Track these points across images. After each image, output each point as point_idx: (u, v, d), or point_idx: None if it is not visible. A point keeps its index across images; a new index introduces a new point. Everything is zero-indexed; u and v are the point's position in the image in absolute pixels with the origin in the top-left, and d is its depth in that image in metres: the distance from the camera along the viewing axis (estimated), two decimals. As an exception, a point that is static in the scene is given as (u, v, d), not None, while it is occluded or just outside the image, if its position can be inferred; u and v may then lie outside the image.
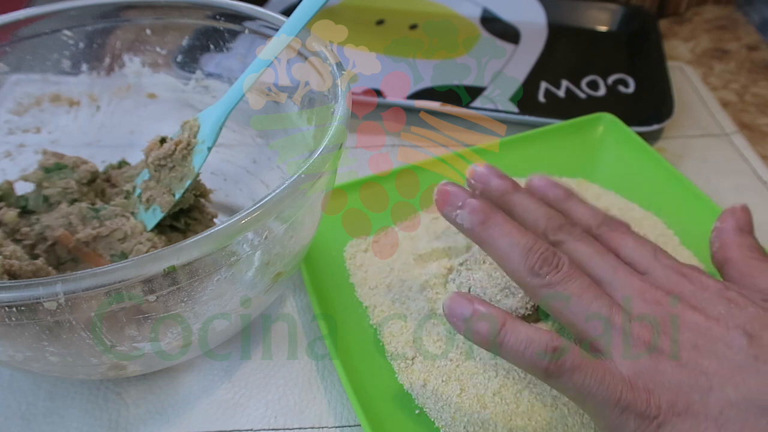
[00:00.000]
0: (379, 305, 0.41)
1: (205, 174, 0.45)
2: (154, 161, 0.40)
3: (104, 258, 0.39)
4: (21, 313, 0.27)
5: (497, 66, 0.67)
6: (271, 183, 0.47)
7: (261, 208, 0.29)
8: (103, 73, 0.48)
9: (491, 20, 0.76)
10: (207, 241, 0.28)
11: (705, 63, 0.71)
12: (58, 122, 0.48)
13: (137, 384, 0.39)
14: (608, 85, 0.65)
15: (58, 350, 0.31)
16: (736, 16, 0.79)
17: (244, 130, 0.47)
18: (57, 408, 0.38)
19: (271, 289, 0.37)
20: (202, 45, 0.47)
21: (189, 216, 0.42)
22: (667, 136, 0.59)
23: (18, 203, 0.41)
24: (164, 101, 0.49)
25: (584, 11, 0.76)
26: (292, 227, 0.33)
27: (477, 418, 0.35)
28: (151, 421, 0.37)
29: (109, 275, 0.26)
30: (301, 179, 0.30)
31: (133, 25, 0.47)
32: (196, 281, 0.30)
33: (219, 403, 0.38)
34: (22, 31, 0.43)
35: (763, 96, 0.65)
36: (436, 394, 0.36)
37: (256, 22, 0.43)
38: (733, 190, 0.53)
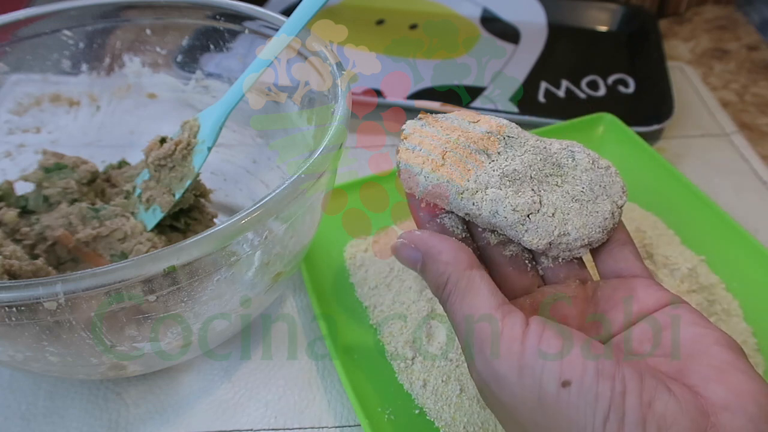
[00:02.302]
0: (379, 305, 0.41)
1: (205, 174, 0.45)
2: (154, 161, 0.40)
3: (104, 258, 0.39)
4: (21, 313, 0.27)
5: (497, 66, 0.67)
6: (271, 183, 0.47)
7: (261, 208, 0.29)
8: (103, 73, 0.48)
9: (491, 20, 0.76)
10: (207, 241, 0.28)
11: (705, 63, 0.71)
12: (58, 122, 0.48)
13: (137, 384, 0.39)
14: (608, 85, 0.65)
15: (58, 350, 0.31)
16: (736, 16, 0.79)
17: (244, 130, 0.47)
18: (57, 408, 0.38)
19: (271, 289, 0.37)
20: (202, 45, 0.47)
21: (189, 216, 0.42)
22: (667, 136, 0.59)
23: (18, 203, 0.41)
24: (164, 101, 0.49)
25: (584, 11, 0.76)
26: (292, 227, 0.33)
27: (477, 418, 0.35)
28: (151, 421, 0.37)
29: (109, 275, 0.26)
30: (301, 179, 0.30)
31: (133, 25, 0.47)
32: (196, 281, 0.30)
33: (219, 403, 0.38)
34: (22, 31, 0.43)
35: (763, 96, 0.65)
36: (436, 394, 0.36)
37: (256, 22, 0.43)
38: (733, 190, 0.53)
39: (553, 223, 0.29)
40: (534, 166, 0.30)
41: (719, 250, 0.44)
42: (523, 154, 0.30)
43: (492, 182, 0.29)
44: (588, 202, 0.30)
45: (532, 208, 0.29)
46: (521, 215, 0.29)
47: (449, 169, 0.29)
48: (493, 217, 0.29)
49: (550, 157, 0.30)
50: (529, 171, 0.30)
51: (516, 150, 0.30)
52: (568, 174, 0.30)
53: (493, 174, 0.29)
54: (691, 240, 0.45)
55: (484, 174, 0.29)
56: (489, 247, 0.31)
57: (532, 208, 0.29)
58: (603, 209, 0.30)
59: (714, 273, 0.43)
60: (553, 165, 0.30)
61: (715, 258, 0.44)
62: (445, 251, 0.28)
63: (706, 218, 0.45)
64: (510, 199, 0.29)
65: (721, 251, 0.44)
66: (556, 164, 0.30)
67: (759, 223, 0.49)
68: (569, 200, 0.30)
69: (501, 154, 0.30)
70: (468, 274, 0.27)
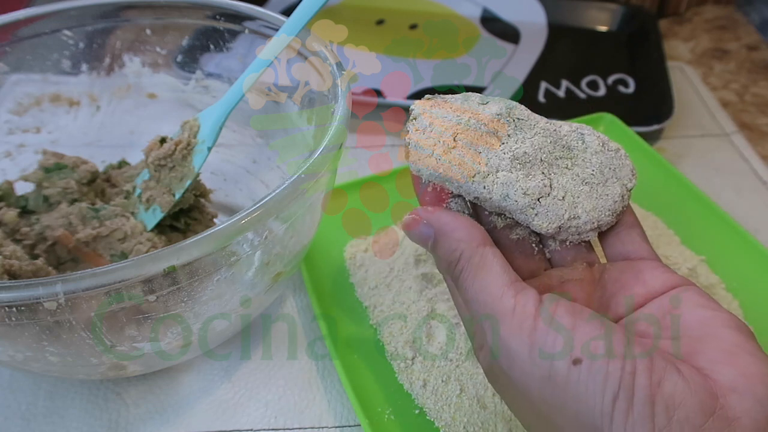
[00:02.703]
0: (379, 305, 0.41)
1: (205, 174, 0.45)
2: (154, 161, 0.40)
3: (104, 258, 0.39)
4: (21, 313, 0.27)
5: (497, 66, 0.67)
6: (271, 183, 0.47)
7: (261, 208, 0.29)
8: (103, 73, 0.48)
9: (491, 20, 0.76)
10: (207, 241, 0.28)
11: (705, 63, 0.71)
12: (58, 122, 0.48)
13: (137, 384, 0.39)
14: (608, 85, 0.65)
15: (58, 350, 0.31)
16: (736, 16, 0.79)
17: (244, 130, 0.47)
18: (57, 408, 0.38)
19: (271, 289, 0.37)
20: (202, 45, 0.47)
21: (189, 216, 0.42)
22: (667, 136, 0.59)
23: (18, 203, 0.41)
24: (164, 101, 0.49)
25: (584, 11, 0.76)
26: (292, 227, 0.33)
27: (477, 418, 0.35)
28: (151, 421, 0.37)
29: (109, 275, 0.26)
30: (301, 179, 0.30)
31: (133, 25, 0.47)
32: (196, 281, 0.30)
33: (219, 403, 0.38)
34: (22, 31, 0.43)
35: (763, 96, 0.65)
36: (436, 394, 0.36)
37: (256, 22, 0.43)
38: (733, 190, 0.53)
39: (564, 206, 0.29)
40: (544, 148, 0.29)
41: (719, 250, 0.44)
42: (533, 137, 0.30)
43: (503, 165, 0.29)
44: (598, 185, 0.30)
45: (542, 191, 0.29)
46: (532, 199, 0.29)
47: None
48: (504, 200, 0.29)
49: (560, 139, 0.30)
50: (539, 154, 0.29)
51: (526, 132, 0.30)
52: (578, 156, 0.30)
53: (504, 157, 0.29)
54: (691, 240, 0.45)
55: (494, 157, 0.29)
56: (496, 231, 0.31)
57: (543, 191, 0.29)
58: (613, 192, 0.30)
59: (714, 273, 0.43)
60: (563, 147, 0.30)
61: (715, 258, 0.44)
62: (458, 228, 0.28)
63: (706, 218, 0.45)
64: (521, 183, 0.29)
65: (721, 251, 0.44)
66: (566, 147, 0.30)
67: (759, 223, 0.49)
68: (579, 183, 0.30)
69: (511, 136, 0.29)
70: (481, 251, 0.28)
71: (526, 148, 0.29)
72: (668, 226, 0.47)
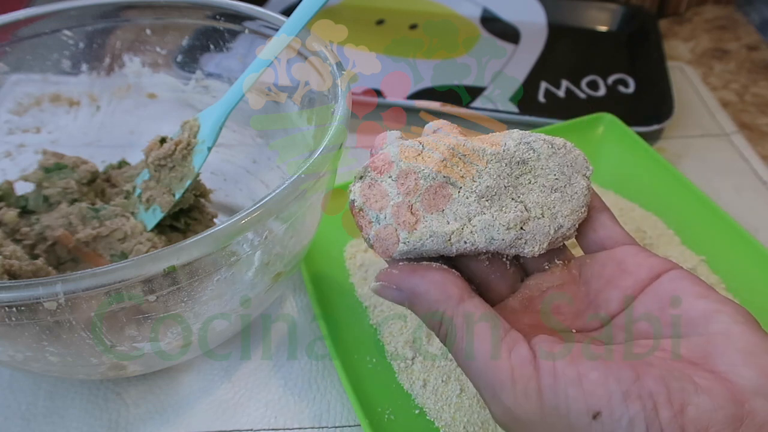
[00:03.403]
0: (379, 305, 0.41)
1: (205, 174, 0.45)
2: (154, 161, 0.40)
3: (104, 258, 0.39)
4: (21, 313, 0.27)
5: (497, 66, 0.67)
6: (271, 183, 0.47)
7: (261, 208, 0.29)
8: (103, 73, 0.48)
9: (491, 20, 0.76)
10: (207, 241, 0.28)
11: (705, 63, 0.71)
12: (58, 122, 0.48)
13: (137, 384, 0.39)
14: (608, 85, 0.65)
15: (58, 350, 0.31)
16: (736, 16, 0.79)
17: (244, 130, 0.47)
18: (57, 408, 0.38)
19: (271, 289, 0.37)
20: (202, 45, 0.47)
21: (189, 216, 0.42)
22: (667, 136, 0.59)
23: (18, 203, 0.41)
24: (164, 101, 0.49)
25: (584, 11, 0.76)
26: (292, 227, 0.33)
27: (477, 418, 0.35)
28: (151, 421, 0.37)
29: (109, 275, 0.26)
30: (301, 179, 0.30)
31: (133, 25, 0.47)
32: (196, 281, 0.30)
33: (219, 403, 0.38)
34: (22, 31, 0.43)
35: (763, 96, 0.65)
36: (436, 394, 0.36)
37: (256, 22, 0.43)
38: (733, 190, 0.53)
39: (546, 222, 0.29)
40: (502, 173, 0.28)
41: (719, 250, 0.44)
42: (487, 166, 0.28)
43: (472, 210, 0.28)
44: (565, 187, 0.29)
45: (522, 217, 0.28)
46: (516, 230, 0.28)
47: (425, 224, 0.27)
48: (490, 244, 0.28)
49: (512, 157, 0.29)
50: (501, 181, 0.28)
51: (478, 164, 0.29)
52: (536, 167, 0.29)
53: (469, 202, 0.28)
54: (691, 240, 0.45)
55: (460, 206, 0.28)
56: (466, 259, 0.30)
57: (523, 217, 0.28)
58: (580, 187, 0.30)
59: (714, 273, 0.43)
60: (518, 164, 0.29)
61: (715, 258, 0.44)
62: (431, 289, 0.27)
63: (706, 218, 0.45)
64: (498, 220, 0.28)
65: (721, 251, 0.44)
66: (520, 162, 0.29)
67: (759, 223, 0.49)
68: (549, 192, 0.29)
69: (465, 176, 0.28)
70: (462, 310, 0.26)
71: (487, 181, 0.28)
72: (668, 226, 0.47)
